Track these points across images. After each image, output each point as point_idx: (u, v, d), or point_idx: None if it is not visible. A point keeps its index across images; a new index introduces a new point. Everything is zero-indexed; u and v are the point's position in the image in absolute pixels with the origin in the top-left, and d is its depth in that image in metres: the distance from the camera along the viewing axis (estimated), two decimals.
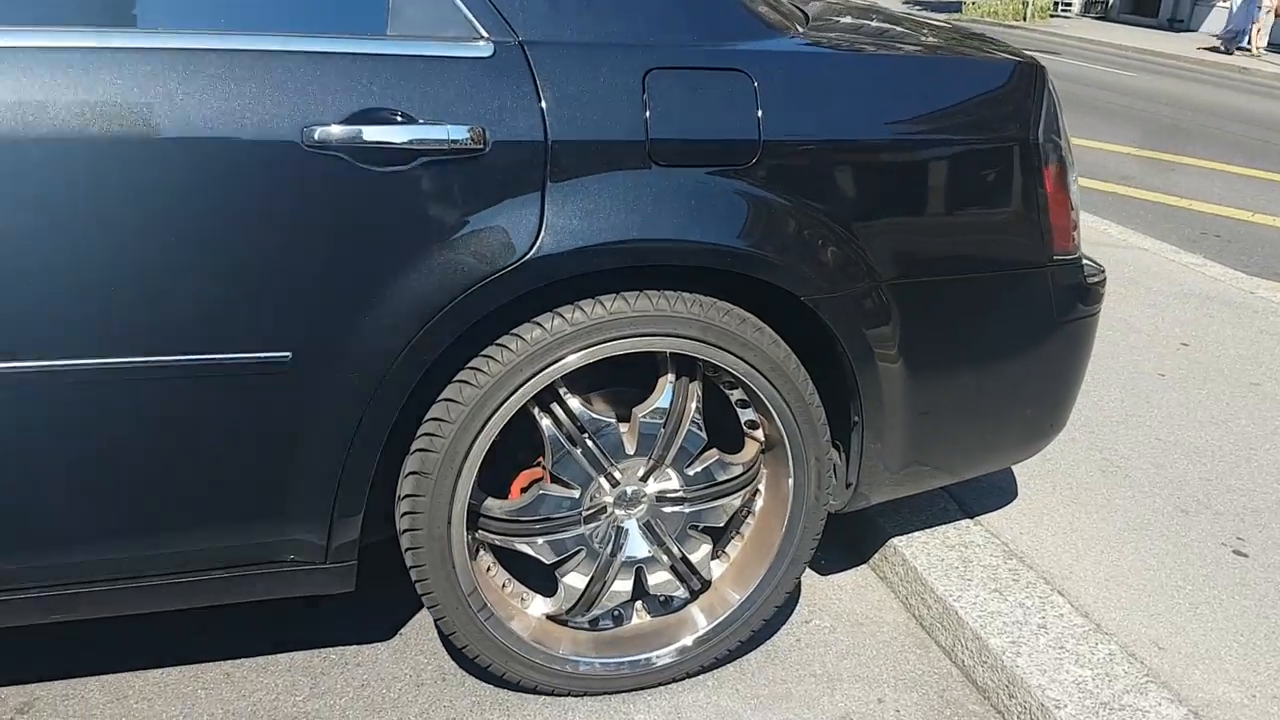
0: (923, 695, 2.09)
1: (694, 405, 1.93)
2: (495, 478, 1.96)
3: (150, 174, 1.51)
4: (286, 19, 1.62)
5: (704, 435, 1.95)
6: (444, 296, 1.66)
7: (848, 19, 2.33)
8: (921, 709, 2.05)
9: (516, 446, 1.96)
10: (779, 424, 1.94)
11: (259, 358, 1.62)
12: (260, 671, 2.02)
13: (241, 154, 1.55)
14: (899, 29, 2.27)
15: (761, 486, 2.08)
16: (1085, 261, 2.24)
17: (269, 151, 1.56)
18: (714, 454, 1.98)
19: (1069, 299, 2.15)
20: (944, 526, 2.49)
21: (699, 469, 1.97)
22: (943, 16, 22.33)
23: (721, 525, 2.03)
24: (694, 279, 1.85)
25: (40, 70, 1.46)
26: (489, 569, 1.97)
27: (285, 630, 2.11)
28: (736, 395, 1.98)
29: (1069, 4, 24.10)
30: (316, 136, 1.56)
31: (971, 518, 2.53)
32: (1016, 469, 2.81)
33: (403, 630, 2.14)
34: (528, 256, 1.68)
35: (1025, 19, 22.42)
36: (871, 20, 2.38)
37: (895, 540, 2.42)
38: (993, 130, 1.98)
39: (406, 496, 1.79)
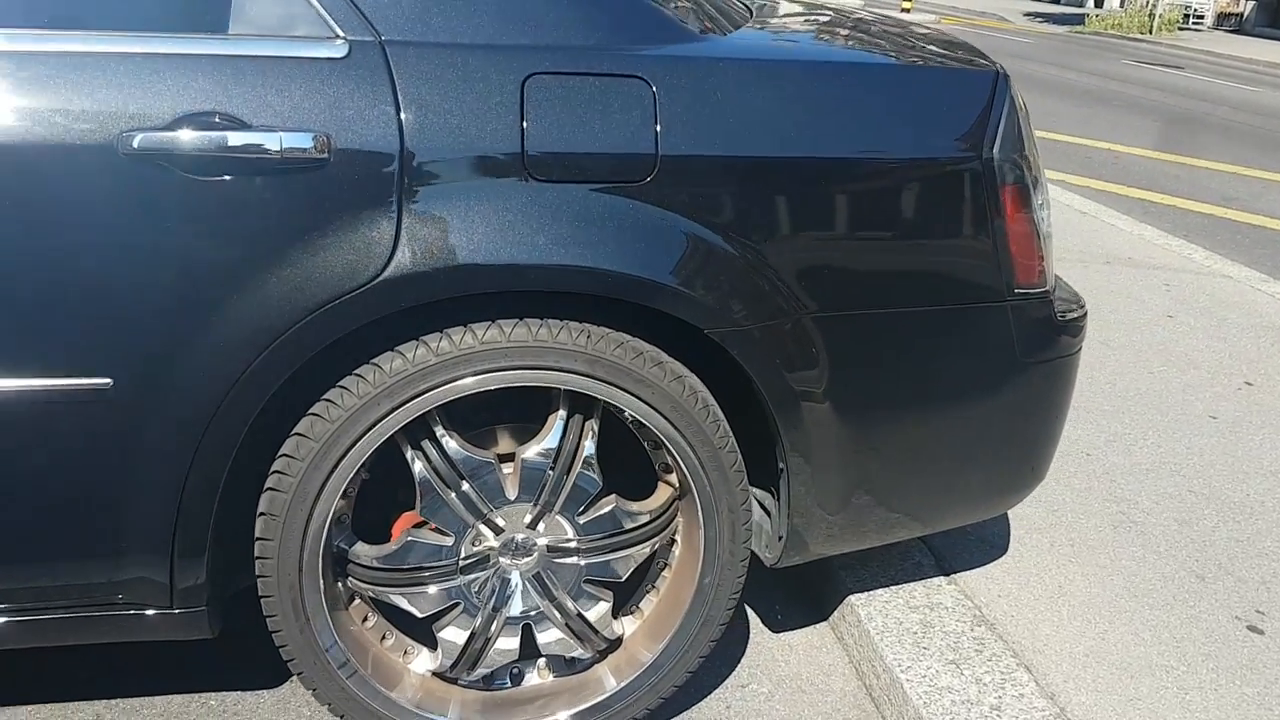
0: None
1: (588, 445, 1.73)
2: (375, 520, 1.79)
3: None
4: (120, 17, 1.48)
5: (599, 479, 1.75)
6: (283, 320, 1.51)
7: (794, 19, 2.11)
8: None
9: (397, 485, 1.79)
10: (685, 470, 1.73)
11: (76, 385, 1.48)
12: (131, 715, 1.88)
13: (56, 161, 1.42)
14: (843, 31, 2.05)
15: (678, 537, 1.87)
16: (1060, 295, 1.98)
17: (83, 158, 1.42)
18: (611, 500, 1.78)
19: (1036, 337, 1.89)
20: (913, 584, 2.23)
21: (593, 516, 1.77)
22: (1065, 30, 21.70)
23: (623, 579, 1.83)
24: (604, 308, 1.66)
25: None
26: (365, 619, 1.80)
27: (176, 671, 1.97)
28: (648, 437, 1.78)
29: (1201, 16, 23.16)
30: (135, 144, 1.42)
31: (946, 575, 2.27)
32: (1013, 520, 2.53)
33: (292, 681, 1.99)
34: (381, 278, 1.52)
35: (1151, 32, 21.61)
36: (820, 19, 2.16)
37: (854, 598, 2.18)
38: (938, 146, 1.75)
39: (258, 539, 1.63)
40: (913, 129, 1.74)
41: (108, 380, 1.49)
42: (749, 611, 2.30)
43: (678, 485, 1.82)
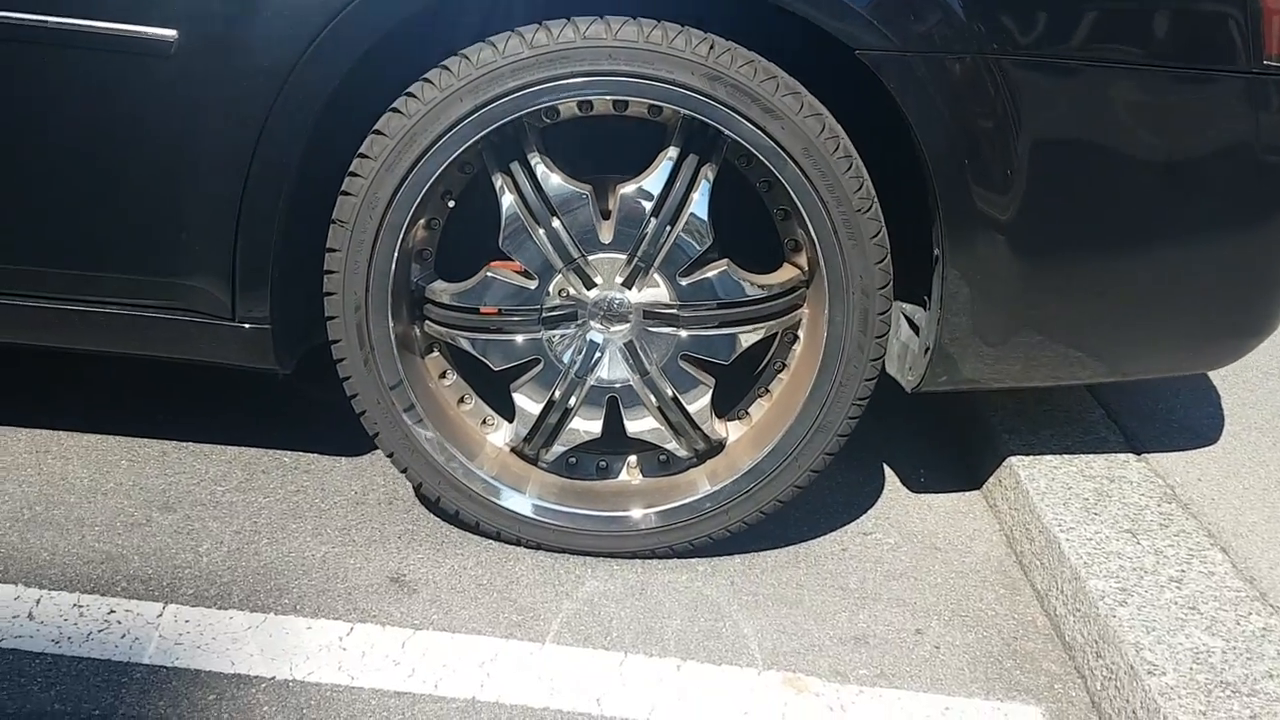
0: (981, 638, 1.53)
1: (699, 195, 1.47)
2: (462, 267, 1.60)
3: None
4: None
5: (709, 236, 1.49)
6: None
7: None
8: (972, 653, 1.49)
9: (489, 235, 1.58)
10: (813, 233, 1.46)
11: (140, 33, 1.35)
12: (199, 457, 1.78)
13: None
14: None
15: (800, 332, 1.59)
16: None
17: None
18: (723, 264, 1.52)
19: None
20: (1092, 456, 1.86)
21: (698, 279, 1.51)
22: None
23: (728, 362, 1.57)
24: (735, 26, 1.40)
25: None
26: (444, 375, 1.62)
27: (258, 431, 1.86)
28: (777, 203, 1.51)
29: None
30: None
31: (1137, 454, 1.88)
32: (1228, 414, 2.10)
33: (377, 451, 1.83)
34: None
35: None
36: None
37: (1015, 459, 1.83)
38: None
39: (327, 250, 1.47)
40: None
41: (172, 31, 1.35)
42: (888, 471, 1.99)
43: (806, 268, 1.54)
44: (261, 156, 1.40)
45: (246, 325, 1.52)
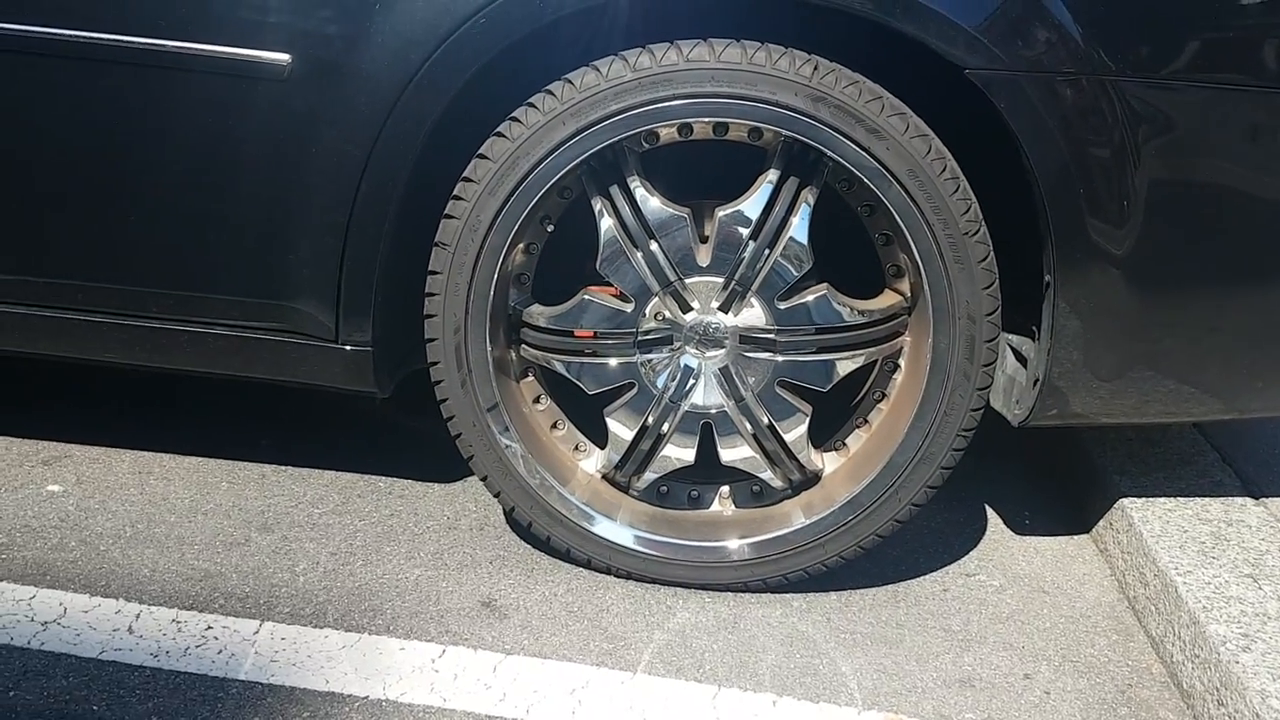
0: (1094, 684, 1.45)
1: (799, 219, 1.45)
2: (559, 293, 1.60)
3: None
4: None
5: (808, 260, 1.47)
6: (466, 5, 1.35)
7: None
8: (1085, 699, 1.42)
9: (587, 259, 1.58)
10: (918, 257, 1.42)
11: (255, 57, 1.39)
12: (297, 481, 1.80)
13: None
14: None
15: (901, 361, 1.55)
16: None
17: None
18: (822, 289, 1.49)
19: None
20: (1207, 499, 1.77)
21: (796, 304, 1.49)
22: None
23: (826, 389, 1.53)
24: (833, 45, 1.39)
25: None
26: (538, 400, 1.61)
27: (354, 456, 1.88)
28: (879, 228, 1.49)
29: None
30: None
31: (1254, 498, 1.79)
32: None
33: (470, 478, 1.83)
34: None
35: None
36: None
37: (1127, 501, 1.75)
38: None
39: (429, 273, 1.48)
40: None
41: (286, 56, 1.39)
42: (990, 512, 1.92)
43: (909, 294, 1.51)
44: (369, 181, 1.42)
45: (349, 347, 1.54)
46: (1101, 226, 1.40)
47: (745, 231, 1.46)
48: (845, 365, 1.51)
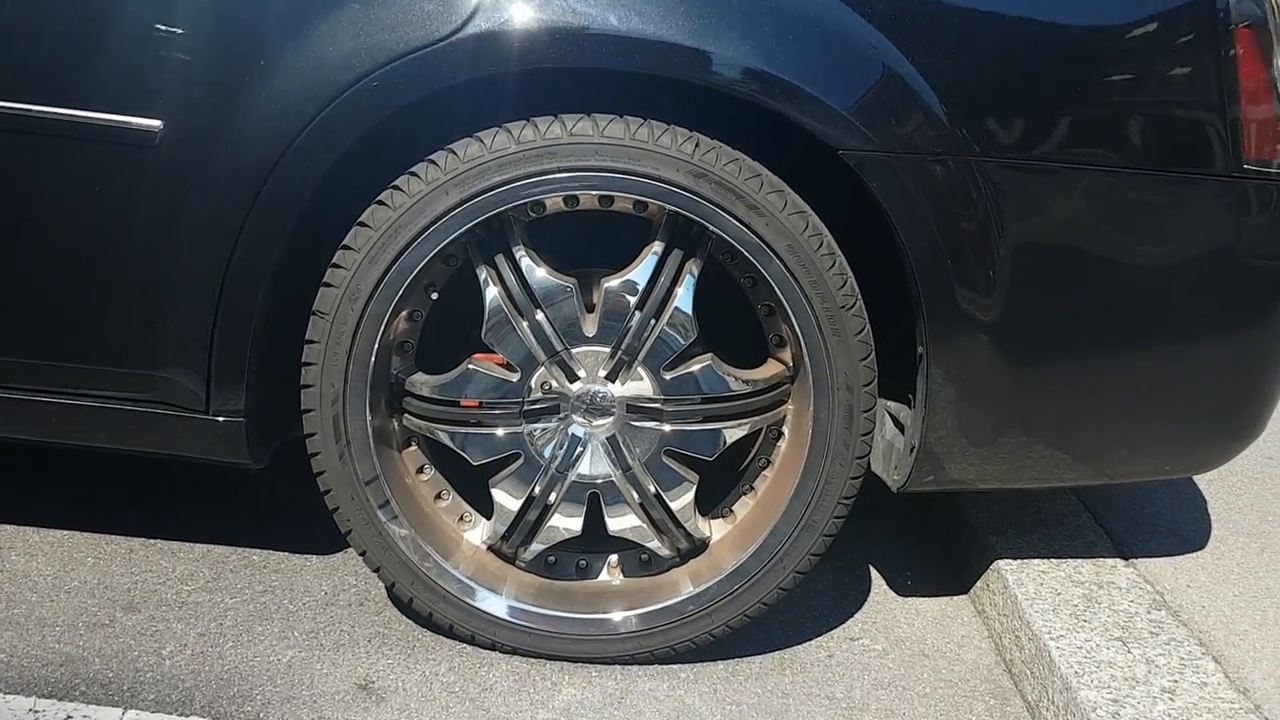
0: None
1: (684, 289, 1.47)
2: (443, 360, 1.58)
3: None
4: None
5: (693, 331, 1.48)
6: (344, 75, 1.34)
7: None
8: None
9: (471, 327, 1.56)
10: (798, 330, 1.45)
11: (123, 122, 1.35)
12: (166, 555, 1.73)
13: None
14: None
15: (785, 429, 1.57)
16: None
17: None
18: (707, 358, 1.50)
19: (1268, 233, 1.51)
20: (1080, 561, 1.83)
21: (682, 374, 1.50)
22: None
23: (712, 458, 1.54)
24: (721, 125, 1.42)
25: None
26: (421, 470, 1.58)
27: (227, 528, 1.81)
28: (761, 299, 1.51)
29: None
30: None
31: (1125, 559, 1.85)
32: (1215, 519, 2.08)
33: (350, 550, 1.78)
34: (457, 35, 1.33)
35: None
36: None
37: (1003, 563, 1.80)
38: None
39: (306, 343, 1.45)
40: None
41: (157, 123, 1.35)
42: (874, 573, 1.95)
43: (790, 363, 1.53)
44: (242, 250, 1.39)
45: (220, 418, 1.49)
46: (970, 300, 1.44)
47: (631, 301, 1.47)
48: (731, 434, 1.52)
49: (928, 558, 2.01)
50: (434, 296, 1.50)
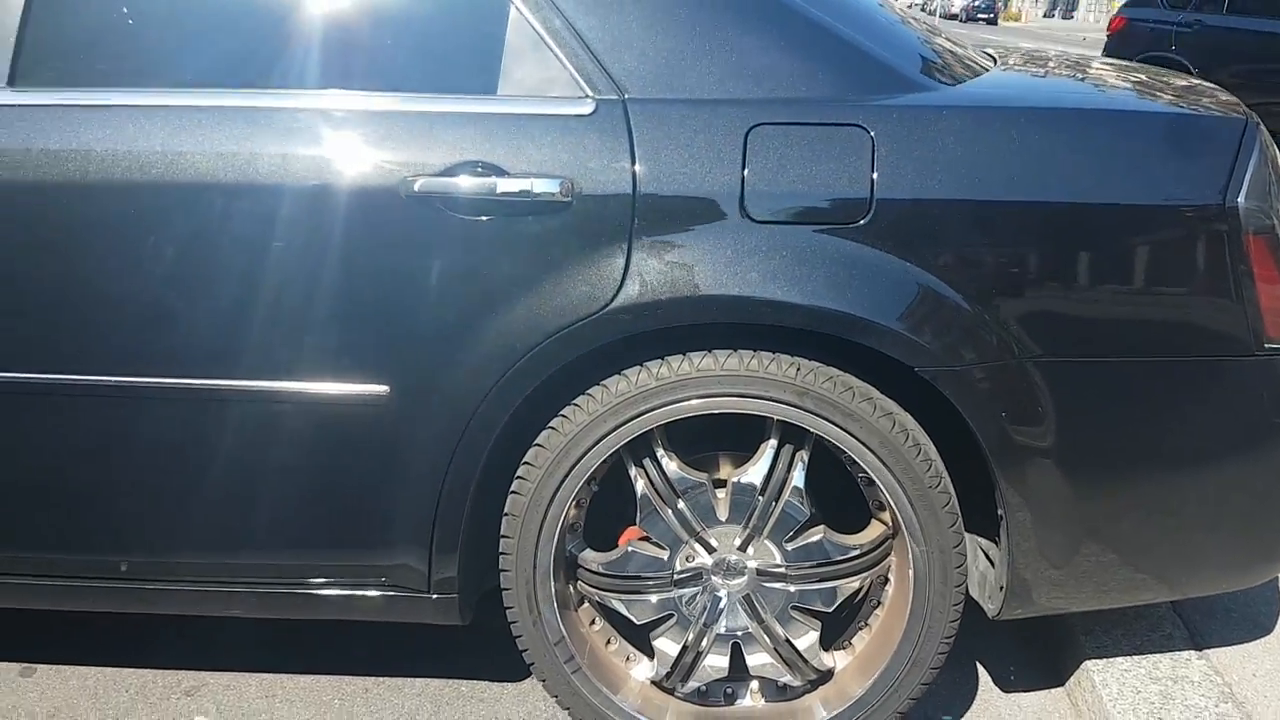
0: None
1: (797, 475, 1.82)
2: (606, 531, 1.96)
3: (279, 213, 1.72)
4: (415, 80, 1.77)
5: (807, 509, 1.83)
6: (526, 342, 1.72)
7: (1035, 66, 2.12)
8: None
9: (626, 502, 1.94)
10: (893, 506, 1.78)
11: (361, 391, 1.76)
12: (394, 692, 2.15)
13: (353, 199, 1.71)
14: (1079, 75, 2.04)
15: (891, 575, 1.90)
16: None
17: (377, 198, 1.71)
18: (820, 530, 1.85)
19: None
20: (1159, 655, 2.11)
21: (801, 544, 1.84)
22: None
23: (830, 610, 1.88)
24: (825, 344, 1.75)
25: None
26: (593, 623, 1.97)
27: (432, 659, 2.23)
28: (861, 472, 1.84)
29: None
30: (416, 187, 1.70)
31: (1198, 649, 2.12)
32: None
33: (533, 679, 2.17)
34: (610, 306, 1.70)
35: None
36: (1053, 67, 2.15)
37: (1091, 664, 2.09)
38: (1177, 192, 1.72)
39: (502, 537, 1.84)
40: (1147, 174, 1.72)
41: (385, 388, 1.76)
42: (980, 670, 2.26)
43: (890, 523, 1.86)
44: (452, 475, 1.79)
45: (436, 595, 1.89)
46: (1039, 475, 1.75)
47: (755, 488, 1.82)
48: (845, 589, 1.86)
49: (1029, 653, 2.30)
50: (594, 488, 1.88)
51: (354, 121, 1.74)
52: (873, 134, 1.70)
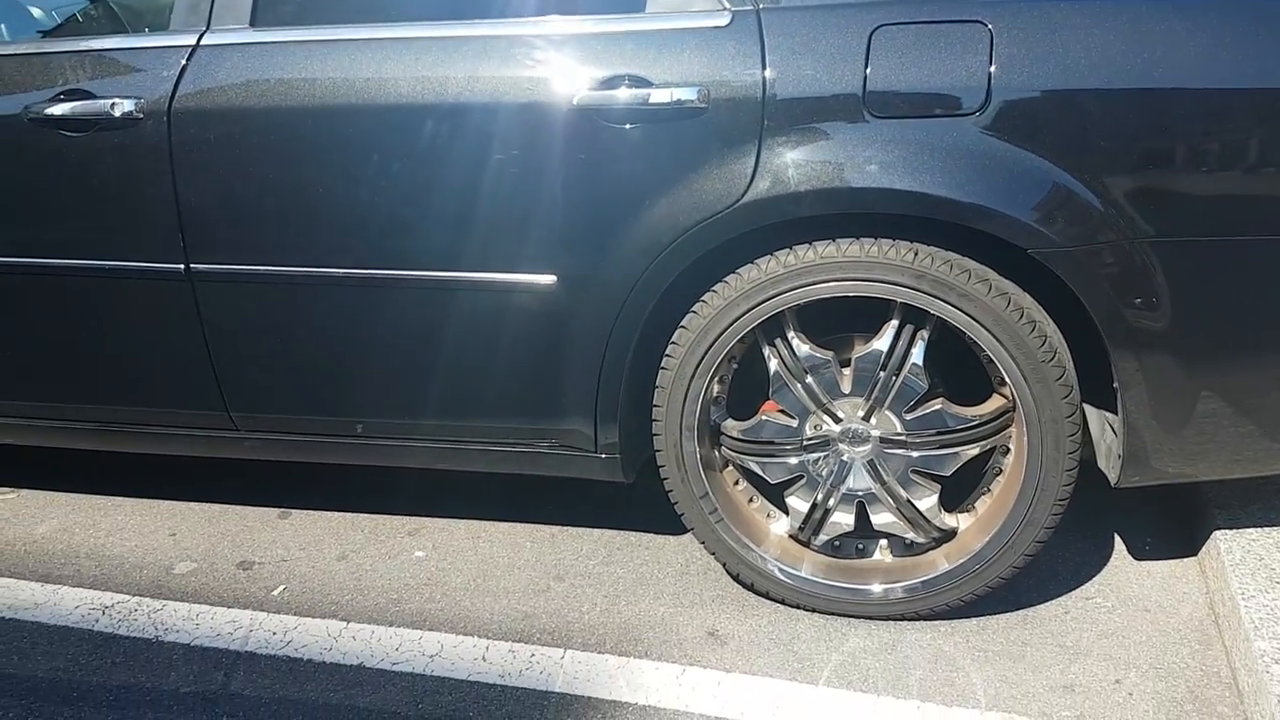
0: (1171, 686, 1.92)
1: (916, 352, 1.99)
2: (750, 405, 2.20)
3: (465, 128, 2.02)
4: (575, 3, 2.02)
5: (924, 383, 2.00)
6: (669, 235, 1.97)
7: None
8: (1160, 699, 1.90)
9: (765, 380, 2.17)
10: (1009, 380, 1.93)
11: (533, 280, 2.06)
12: (575, 538, 2.50)
13: (525, 113, 1.99)
14: None
15: (1011, 445, 2.06)
16: None
17: (544, 113, 1.98)
18: (938, 402, 2.02)
19: None
20: None
21: (920, 414, 2.02)
22: None
23: (948, 475, 2.06)
24: (946, 231, 1.91)
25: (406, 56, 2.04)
26: (737, 483, 2.23)
27: (612, 515, 2.57)
28: (980, 349, 2.00)
29: None
30: (575, 101, 1.95)
31: None
32: None
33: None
34: (742, 201, 1.91)
35: None
36: None
37: (1219, 533, 2.18)
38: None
39: (654, 406, 2.12)
40: (1266, 58, 1.75)
41: (553, 277, 2.05)
42: (1117, 540, 2.38)
43: (1010, 396, 2.01)
44: (611, 349, 2.07)
45: (603, 455, 2.20)
46: (1155, 352, 1.85)
47: (877, 363, 2.01)
48: (964, 455, 2.04)
49: (1167, 525, 2.40)
50: (734, 365, 2.12)
51: (524, 45, 2.00)
52: (991, 28, 1.81)
